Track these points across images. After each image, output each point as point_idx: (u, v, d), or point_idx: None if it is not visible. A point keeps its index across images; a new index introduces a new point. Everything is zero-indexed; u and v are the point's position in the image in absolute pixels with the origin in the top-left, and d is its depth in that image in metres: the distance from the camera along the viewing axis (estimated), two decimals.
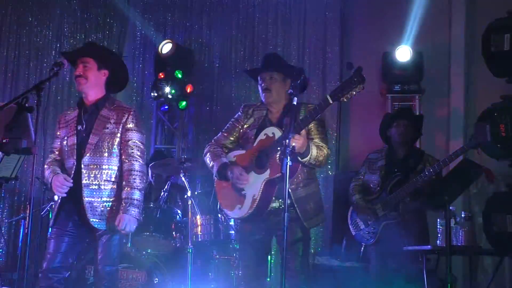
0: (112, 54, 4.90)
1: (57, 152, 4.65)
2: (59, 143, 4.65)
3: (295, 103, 4.15)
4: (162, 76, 8.36)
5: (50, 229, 4.59)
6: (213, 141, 4.86)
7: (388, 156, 6.08)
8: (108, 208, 4.49)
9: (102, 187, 4.48)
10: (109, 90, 4.73)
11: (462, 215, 5.69)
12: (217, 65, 8.66)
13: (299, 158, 4.30)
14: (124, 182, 4.51)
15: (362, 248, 5.99)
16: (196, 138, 8.66)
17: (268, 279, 4.61)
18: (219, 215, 6.41)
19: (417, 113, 7.38)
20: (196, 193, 6.87)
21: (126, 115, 4.59)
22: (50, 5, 8.92)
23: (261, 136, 4.52)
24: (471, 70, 7.72)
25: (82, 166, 4.46)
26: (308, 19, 8.42)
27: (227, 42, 8.65)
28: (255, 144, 4.55)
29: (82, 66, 4.56)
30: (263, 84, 4.63)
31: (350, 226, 6.07)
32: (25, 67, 8.83)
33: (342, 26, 8.31)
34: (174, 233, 6.42)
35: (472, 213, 6.70)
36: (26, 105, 4.09)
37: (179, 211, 6.63)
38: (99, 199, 4.47)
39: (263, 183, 4.38)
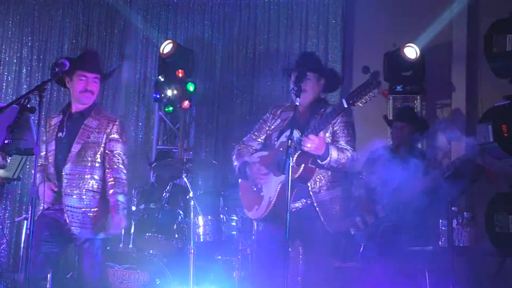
0: (114, 74, 4.99)
1: (43, 158, 4.64)
2: (44, 147, 4.63)
3: (297, 103, 4.17)
4: (163, 77, 8.35)
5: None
6: (241, 142, 4.85)
7: (389, 156, 6.03)
8: (90, 217, 4.48)
9: (84, 196, 4.48)
10: None
11: (465, 216, 5.68)
12: (219, 65, 8.66)
13: (319, 161, 4.25)
14: (111, 190, 4.50)
15: (362, 248, 5.97)
16: (198, 139, 8.66)
17: None
18: (221, 216, 6.41)
19: (420, 115, 7.35)
20: (198, 193, 6.87)
21: (111, 125, 4.60)
22: (52, 6, 8.92)
23: (282, 138, 4.48)
24: (473, 70, 7.72)
25: (63, 174, 4.47)
26: (310, 18, 8.41)
27: (229, 42, 8.65)
28: (276, 146, 4.53)
29: (93, 82, 4.60)
30: (300, 85, 4.46)
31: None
32: (27, 68, 8.84)
33: (344, 26, 8.31)
34: (176, 234, 6.42)
35: (475, 214, 6.69)
36: (28, 105, 4.09)
37: (181, 212, 6.63)
38: (80, 208, 4.46)
39: (279, 185, 4.36)
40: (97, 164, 4.52)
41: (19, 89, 8.72)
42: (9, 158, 4.98)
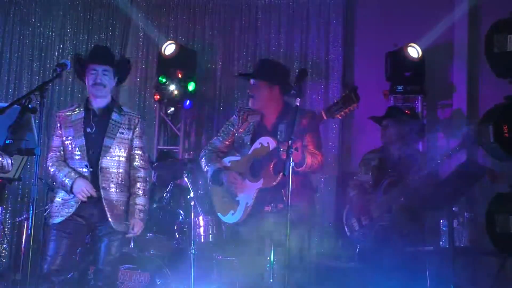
0: (124, 61, 5.00)
1: (59, 152, 4.70)
2: (60, 141, 4.69)
3: (297, 104, 4.18)
4: (164, 77, 8.36)
5: (51, 230, 4.64)
6: (208, 145, 4.98)
7: (382, 156, 5.97)
8: (121, 210, 4.63)
9: (118, 190, 4.63)
10: None
11: (465, 216, 5.67)
12: (220, 66, 8.66)
13: (295, 168, 4.30)
14: (131, 189, 4.69)
15: (358, 249, 5.95)
16: (199, 139, 8.66)
17: (271, 280, 4.59)
18: None
19: (417, 113, 7.33)
20: (199, 194, 6.86)
21: (136, 122, 4.76)
22: (53, 6, 8.93)
23: (256, 145, 4.62)
24: (474, 70, 7.71)
25: (100, 168, 4.58)
26: (311, 20, 8.41)
27: (230, 43, 8.65)
28: (249, 152, 4.65)
29: (103, 74, 4.68)
30: (248, 91, 4.83)
31: (345, 227, 5.98)
32: (28, 68, 8.85)
33: (345, 27, 8.31)
34: (177, 234, 6.42)
35: (475, 214, 6.70)
36: (29, 106, 4.09)
37: (182, 212, 6.63)
38: (114, 202, 4.60)
39: (256, 191, 4.52)
40: (125, 159, 4.68)
41: (20, 89, 8.73)
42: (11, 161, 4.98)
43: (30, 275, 4.12)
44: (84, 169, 4.58)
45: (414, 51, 7.59)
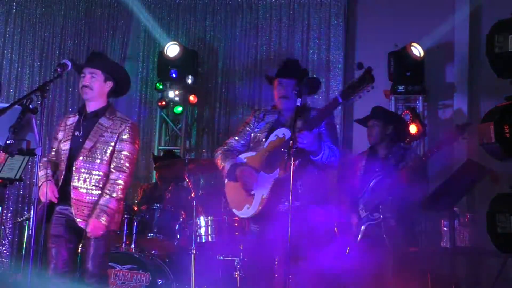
0: (118, 68, 5.00)
1: (53, 153, 4.79)
2: (56, 144, 4.76)
3: (299, 104, 4.16)
4: (165, 78, 8.37)
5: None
6: (223, 144, 4.89)
7: (369, 156, 5.96)
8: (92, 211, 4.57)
9: (90, 191, 4.57)
10: (110, 97, 4.86)
11: (466, 216, 5.67)
12: (221, 65, 8.66)
13: (311, 157, 4.30)
14: (105, 189, 4.59)
15: (348, 250, 5.91)
16: (200, 140, 8.67)
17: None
18: (223, 216, 6.41)
19: (393, 110, 7.35)
20: (200, 194, 6.87)
21: (123, 127, 4.69)
22: (54, 6, 8.94)
23: (272, 137, 4.54)
24: (475, 71, 7.72)
25: (74, 168, 4.56)
26: (312, 19, 8.42)
27: (231, 43, 8.66)
28: (265, 146, 4.57)
29: (90, 77, 4.67)
30: (281, 91, 4.65)
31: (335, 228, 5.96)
32: (29, 68, 8.86)
33: (347, 26, 8.31)
34: (178, 234, 6.42)
35: (476, 214, 6.70)
36: (30, 106, 4.09)
37: (183, 213, 6.63)
38: (85, 202, 4.55)
39: (272, 182, 4.40)
40: (105, 162, 4.62)
41: (21, 89, 8.74)
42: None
43: (31, 275, 4.11)
44: (63, 171, 4.60)
45: (416, 50, 7.59)
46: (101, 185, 4.59)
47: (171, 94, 8.34)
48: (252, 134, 4.76)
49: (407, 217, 5.67)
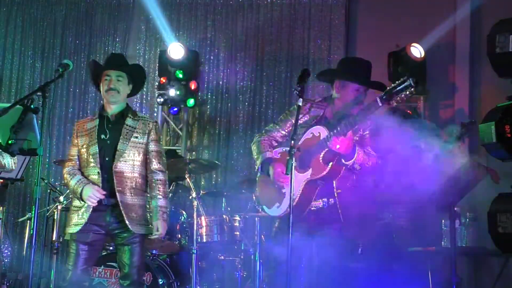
0: (141, 70, 5.02)
1: (75, 161, 4.75)
2: (77, 151, 4.74)
3: (300, 103, 4.08)
4: (166, 78, 8.38)
5: (71, 241, 4.64)
6: (264, 131, 4.72)
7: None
8: (138, 214, 4.63)
9: (131, 194, 4.62)
10: None
11: (467, 216, 5.67)
12: (222, 65, 8.66)
13: (343, 161, 4.18)
14: (151, 192, 4.71)
15: (360, 249, 5.90)
16: (201, 139, 8.67)
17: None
18: (224, 216, 6.42)
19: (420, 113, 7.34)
20: (201, 194, 6.87)
21: (151, 126, 4.76)
22: (55, 6, 8.94)
23: (307, 134, 4.36)
24: (476, 71, 7.72)
25: (114, 171, 4.58)
26: (313, 18, 8.43)
27: (232, 43, 8.66)
28: (300, 143, 4.33)
29: (116, 80, 4.69)
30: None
31: None
32: (31, 68, 8.87)
33: (348, 26, 8.32)
34: (179, 234, 6.42)
35: (477, 214, 6.69)
36: (32, 106, 4.09)
37: (184, 212, 6.63)
38: (130, 205, 4.60)
39: (304, 183, 4.27)
40: (139, 163, 4.67)
41: (22, 89, 8.74)
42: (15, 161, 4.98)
43: (32, 275, 4.11)
44: (96, 176, 4.60)
45: (416, 51, 7.59)
46: (138, 187, 4.65)
47: (172, 92, 8.34)
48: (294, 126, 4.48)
49: (416, 217, 5.66)
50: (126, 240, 4.61)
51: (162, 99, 8.40)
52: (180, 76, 8.34)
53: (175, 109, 8.51)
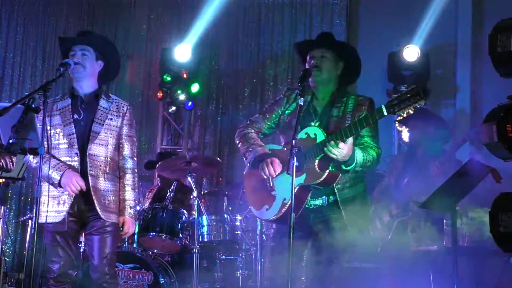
0: (110, 45, 4.76)
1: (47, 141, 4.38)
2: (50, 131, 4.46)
3: (301, 103, 3.88)
4: (167, 77, 8.38)
5: (47, 233, 4.39)
6: (248, 121, 4.45)
7: (407, 157, 6.01)
8: (110, 200, 4.40)
9: (104, 178, 4.40)
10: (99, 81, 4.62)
11: (469, 216, 5.65)
12: (223, 65, 8.67)
13: (343, 167, 3.96)
14: (121, 180, 4.47)
15: (379, 248, 5.89)
16: (202, 139, 8.67)
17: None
18: (225, 215, 6.42)
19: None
20: (202, 193, 6.87)
21: (125, 109, 4.55)
22: (56, 5, 8.95)
23: (302, 134, 4.06)
24: (477, 70, 7.71)
25: (88, 155, 4.36)
26: (314, 19, 8.43)
27: (233, 42, 8.66)
28: (294, 143, 3.86)
29: (81, 54, 4.46)
30: (312, 62, 4.16)
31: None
32: (32, 68, 8.87)
33: (348, 26, 8.31)
34: (180, 233, 6.42)
35: (479, 213, 6.67)
36: (33, 105, 4.08)
37: (185, 212, 6.63)
38: (102, 190, 4.37)
39: (297, 187, 3.93)
40: (112, 147, 4.45)
41: (24, 89, 8.75)
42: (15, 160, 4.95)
43: (33, 275, 4.10)
44: (75, 158, 4.36)
45: (413, 52, 7.60)
46: (111, 171, 4.41)
47: (173, 91, 8.34)
48: (282, 117, 4.30)
49: (431, 216, 5.63)
50: (97, 229, 4.34)
51: (163, 97, 8.41)
52: (183, 75, 8.34)
53: (190, 103, 8.47)
